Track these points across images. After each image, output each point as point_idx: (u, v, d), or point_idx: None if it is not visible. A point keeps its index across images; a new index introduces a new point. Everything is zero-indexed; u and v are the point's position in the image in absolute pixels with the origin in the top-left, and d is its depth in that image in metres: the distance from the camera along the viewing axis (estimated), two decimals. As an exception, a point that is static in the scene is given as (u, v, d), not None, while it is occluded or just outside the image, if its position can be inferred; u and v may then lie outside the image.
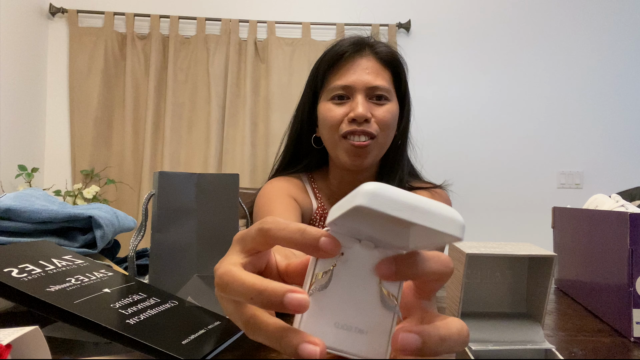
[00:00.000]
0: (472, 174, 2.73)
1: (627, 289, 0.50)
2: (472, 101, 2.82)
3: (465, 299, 0.42)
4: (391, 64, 0.91)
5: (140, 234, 0.57)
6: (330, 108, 0.88)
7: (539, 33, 2.84)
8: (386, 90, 0.88)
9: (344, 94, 0.88)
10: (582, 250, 0.64)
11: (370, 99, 0.88)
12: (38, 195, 0.71)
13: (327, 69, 0.90)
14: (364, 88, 0.87)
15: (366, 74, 0.87)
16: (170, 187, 0.55)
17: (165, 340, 0.39)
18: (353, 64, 0.88)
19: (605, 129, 2.84)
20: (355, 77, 0.87)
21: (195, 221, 0.56)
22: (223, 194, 0.57)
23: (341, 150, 0.88)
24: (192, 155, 2.70)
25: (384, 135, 0.88)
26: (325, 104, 0.90)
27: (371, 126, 0.86)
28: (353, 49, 0.89)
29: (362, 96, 0.86)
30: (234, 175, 0.57)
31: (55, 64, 2.69)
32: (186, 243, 0.55)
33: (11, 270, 0.42)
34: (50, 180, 2.66)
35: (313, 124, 0.95)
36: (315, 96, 0.94)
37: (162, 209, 0.55)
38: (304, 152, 0.99)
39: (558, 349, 0.45)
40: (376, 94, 0.87)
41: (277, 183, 0.97)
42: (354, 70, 0.87)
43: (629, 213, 0.50)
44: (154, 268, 0.54)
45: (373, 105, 0.87)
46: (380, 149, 0.90)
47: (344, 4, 2.80)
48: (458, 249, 0.40)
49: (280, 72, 2.69)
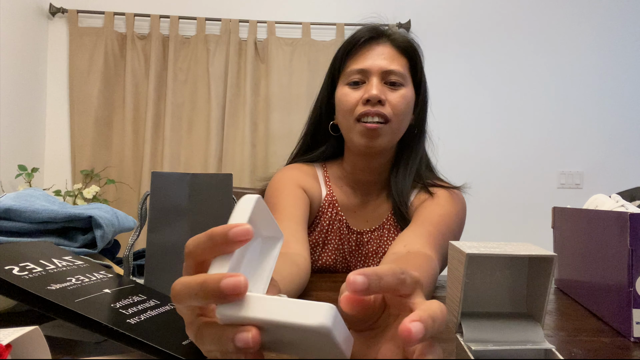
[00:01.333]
0: (472, 174, 2.72)
1: (627, 289, 0.50)
2: (472, 101, 2.83)
3: (465, 299, 0.42)
4: (407, 51, 0.92)
5: (136, 233, 0.56)
6: (346, 92, 0.90)
7: (539, 33, 2.84)
8: (401, 76, 0.89)
9: (359, 79, 0.90)
10: (582, 250, 0.64)
11: (385, 84, 0.89)
12: (38, 195, 0.71)
13: (344, 55, 0.92)
14: (379, 72, 0.88)
15: (382, 59, 0.89)
16: (163, 187, 0.55)
17: (165, 340, 0.40)
18: (369, 49, 0.90)
19: (605, 129, 2.84)
20: (371, 62, 0.89)
21: (188, 221, 0.56)
22: (216, 194, 0.56)
23: (355, 133, 0.89)
24: (192, 155, 2.70)
25: (397, 119, 0.89)
26: (342, 88, 0.92)
27: (385, 109, 0.87)
28: (369, 34, 0.91)
29: (377, 79, 0.88)
30: (227, 175, 0.57)
31: (55, 64, 2.69)
32: (180, 243, 0.55)
33: (12, 268, 0.42)
34: (50, 180, 2.66)
35: (331, 111, 0.97)
36: (333, 83, 0.96)
37: (155, 209, 0.55)
38: (322, 139, 1.01)
39: (558, 349, 0.45)
40: (391, 79, 0.89)
41: (288, 172, 0.98)
42: (370, 55, 0.89)
43: (629, 213, 0.50)
44: (148, 268, 0.54)
45: (387, 89, 0.89)
46: (394, 134, 0.91)
47: (344, 4, 2.80)
48: (458, 249, 0.40)
49: (280, 72, 2.69)
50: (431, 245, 0.75)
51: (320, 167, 1.02)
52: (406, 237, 0.77)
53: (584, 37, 2.85)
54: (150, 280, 0.55)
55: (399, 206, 0.92)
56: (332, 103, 0.96)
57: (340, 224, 0.96)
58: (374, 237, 0.96)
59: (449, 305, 0.43)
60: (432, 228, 0.80)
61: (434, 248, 0.75)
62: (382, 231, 0.96)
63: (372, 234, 0.96)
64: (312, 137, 1.02)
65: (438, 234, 0.80)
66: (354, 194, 0.98)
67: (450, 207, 0.88)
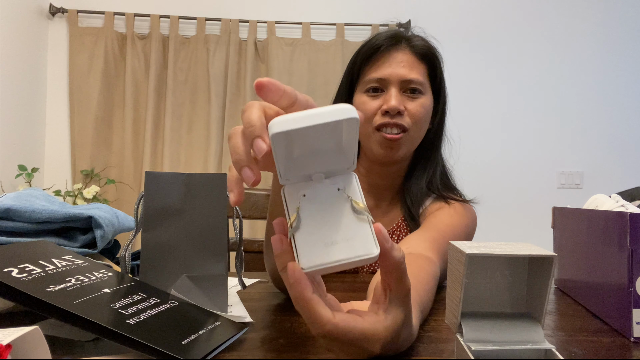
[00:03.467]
0: (472, 174, 2.73)
1: (627, 289, 0.50)
2: (472, 101, 2.83)
3: (465, 299, 0.42)
4: (426, 57, 0.91)
5: (132, 233, 0.56)
6: (364, 101, 0.89)
7: (539, 33, 2.84)
8: (420, 84, 0.88)
9: (378, 87, 0.89)
10: (582, 250, 0.64)
11: (404, 92, 0.88)
12: (38, 195, 0.71)
13: (363, 62, 0.91)
14: (398, 81, 0.87)
15: (401, 67, 0.87)
16: (157, 187, 0.55)
17: (165, 340, 0.39)
18: (389, 57, 0.89)
19: (605, 129, 2.84)
20: (390, 70, 0.87)
21: (183, 221, 0.55)
22: (211, 193, 0.56)
23: (374, 142, 0.89)
24: (192, 155, 2.70)
25: (416, 128, 0.88)
26: (360, 96, 0.91)
27: (404, 119, 0.86)
28: (389, 42, 0.89)
29: (396, 89, 0.87)
30: (222, 175, 0.57)
31: (55, 64, 2.69)
32: (174, 243, 0.55)
33: (11, 270, 0.42)
34: (50, 180, 2.66)
35: None
36: (351, 88, 0.95)
37: (149, 209, 0.54)
38: None
39: (558, 349, 0.45)
40: (410, 87, 0.88)
41: None
42: (389, 63, 0.88)
43: (629, 213, 0.50)
44: (144, 268, 0.54)
45: (407, 98, 0.88)
46: (413, 143, 0.91)
47: (344, 4, 2.80)
48: (458, 249, 0.40)
49: (280, 72, 2.69)
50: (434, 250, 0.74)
51: None
52: (410, 240, 0.76)
53: (585, 38, 2.85)
54: (145, 280, 0.55)
55: (411, 210, 0.91)
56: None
57: None
58: None
59: (449, 305, 0.43)
60: (438, 235, 0.79)
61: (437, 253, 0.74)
62: (391, 235, 0.95)
63: None
64: None
65: (443, 241, 0.79)
66: (367, 196, 0.97)
67: (461, 218, 0.87)
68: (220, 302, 0.54)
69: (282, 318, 0.56)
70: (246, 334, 0.49)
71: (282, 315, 0.57)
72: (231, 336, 0.46)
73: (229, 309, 0.56)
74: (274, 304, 0.62)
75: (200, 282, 0.55)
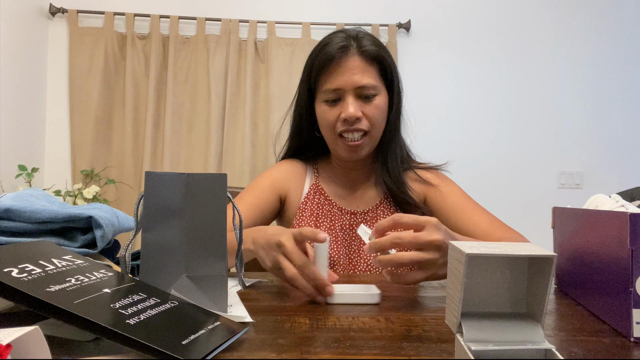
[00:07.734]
0: (472, 174, 2.73)
1: (627, 289, 0.50)
2: (472, 101, 2.82)
3: (465, 299, 0.42)
4: (377, 59, 0.96)
5: (133, 233, 0.56)
6: (324, 110, 0.97)
7: (539, 33, 2.84)
8: (373, 87, 0.94)
9: (335, 97, 0.95)
10: (582, 250, 0.64)
11: (360, 97, 0.94)
12: (38, 195, 0.71)
13: (318, 73, 0.97)
14: (352, 88, 0.93)
15: (353, 75, 0.93)
16: (157, 187, 0.55)
17: (165, 340, 0.39)
18: (340, 66, 0.94)
19: (605, 129, 2.84)
20: (344, 80, 0.93)
21: (183, 221, 0.55)
22: (211, 193, 0.56)
23: (339, 147, 0.98)
24: (192, 155, 2.70)
25: (375, 129, 0.97)
26: (320, 105, 0.98)
27: (362, 123, 0.94)
28: (340, 52, 0.94)
29: (351, 96, 0.93)
30: (222, 175, 0.57)
31: (55, 64, 2.69)
32: (174, 243, 0.55)
33: (11, 270, 0.42)
34: (50, 180, 2.66)
35: (313, 120, 1.03)
36: (311, 94, 1.01)
37: (149, 209, 0.54)
38: (308, 144, 1.09)
39: (558, 349, 0.45)
40: (364, 93, 0.94)
41: (277, 168, 1.08)
42: (342, 72, 0.94)
43: (629, 213, 0.50)
44: (143, 268, 0.54)
45: (363, 103, 0.95)
46: (374, 141, 0.99)
47: (344, 4, 2.80)
48: (458, 249, 0.40)
49: (280, 72, 2.69)
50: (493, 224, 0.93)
51: (311, 163, 1.11)
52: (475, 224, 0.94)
53: (585, 38, 2.84)
54: (145, 281, 0.55)
55: (395, 188, 1.00)
56: (312, 113, 1.02)
57: (331, 207, 1.04)
58: (369, 218, 1.03)
59: (449, 305, 0.43)
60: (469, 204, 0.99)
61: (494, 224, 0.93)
62: (376, 212, 1.03)
63: (367, 214, 1.03)
64: (297, 144, 1.10)
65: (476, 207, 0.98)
66: (341, 181, 1.07)
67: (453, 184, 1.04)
68: (220, 302, 0.54)
69: (282, 318, 0.56)
70: (246, 334, 0.49)
71: (282, 315, 0.57)
72: (231, 336, 0.46)
73: (229, 309, 0.56)
74: (274, 304, 0.62)
75: (200, 282, 0.55)
